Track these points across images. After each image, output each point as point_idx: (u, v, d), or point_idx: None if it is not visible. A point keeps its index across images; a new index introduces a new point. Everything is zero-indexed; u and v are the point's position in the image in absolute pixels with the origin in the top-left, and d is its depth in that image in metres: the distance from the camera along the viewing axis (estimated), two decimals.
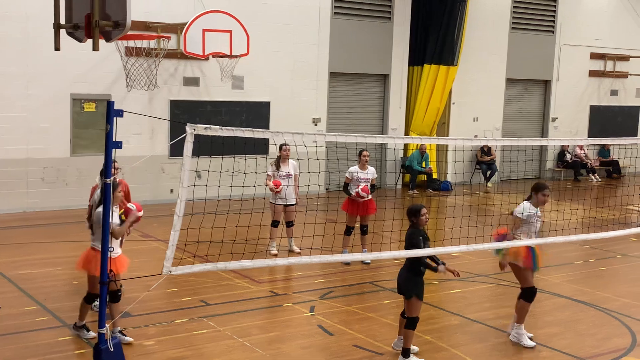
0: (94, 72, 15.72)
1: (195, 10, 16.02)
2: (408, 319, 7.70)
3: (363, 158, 11.72)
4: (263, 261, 8.08)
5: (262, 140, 16.47)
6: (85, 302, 8.15)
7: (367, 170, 11.78)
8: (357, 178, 11.69)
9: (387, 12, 20.07)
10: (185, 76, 17.03)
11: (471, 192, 20.38)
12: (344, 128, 19.22)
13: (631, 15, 24.39)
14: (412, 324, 7.68)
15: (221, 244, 11.85)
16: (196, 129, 6.80)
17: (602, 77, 24.76)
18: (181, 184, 6.87)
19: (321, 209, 14.55)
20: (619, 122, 25.34)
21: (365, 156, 11.73)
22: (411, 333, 7.71)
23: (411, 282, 7.70)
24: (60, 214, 15.05)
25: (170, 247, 6.89)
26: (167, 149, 16.43)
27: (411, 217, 7.79)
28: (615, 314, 9.75)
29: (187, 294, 9.94)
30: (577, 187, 21.91)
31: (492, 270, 11.90)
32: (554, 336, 8.81)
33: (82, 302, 8.18)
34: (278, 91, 18.29)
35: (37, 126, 15.33)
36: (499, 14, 22.08)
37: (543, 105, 23.94)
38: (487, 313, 9.65)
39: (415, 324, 7.69)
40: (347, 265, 11.65)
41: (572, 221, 13.61)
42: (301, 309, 9.57)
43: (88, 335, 8.10)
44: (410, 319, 7.68)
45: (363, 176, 11.70)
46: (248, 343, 8.23)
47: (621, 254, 13.29)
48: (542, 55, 23.23)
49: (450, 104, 21.48)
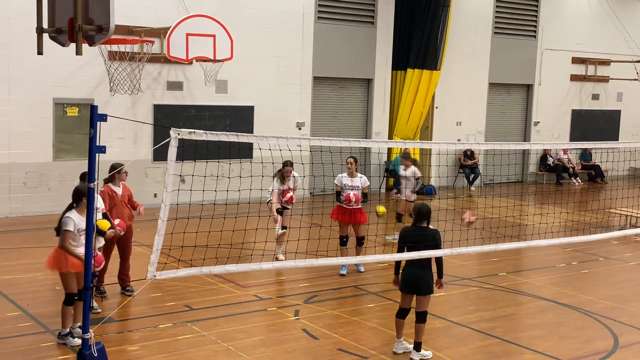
0: (77, 76, 15.65)
1: (179, 15, 15.99)
2: (421, 313, 8.02)
3: (347, 165, 11.39)
4: (247, 265, 8.07)
5: (246, 145, 16.48)
6: (65, 305, 8.10)
7: (355, 177, 11.39)
8: (345, 186, 11.33)
9: (370, 16, 20.14)
10: (168, 80, 17.00)
11: (455, 196, 20.47)
12: (328, 132, 19.25)
13: (612, 20, 24.63)
14: (425, 317, 8.06)
15: (206, 248, 11.84)
16: (180, 133, 6.80)
17: (584, 81, 24.97)
18: (165, 189, 6.86)
19: (306, 213, 14.57)
20: (600, 126, 25.57)
21: (349, 163, 11.38)
22: (424, 327, 8.07)
23: (429, 278, 8.05)
24: (43, 219, 14.95)
25: (155, 251, 6.88)
26: (151, 154, 16.38)
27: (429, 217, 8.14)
28: (598, 316, 9.83)
29: (171, 298, 9.91)
30: (559, 191, 22.07)
31: (476, 273, 11.97)
32: (536, 339, 8.87)
33: (62, 307, 8.12)
34: (262, 95, 18.29)
35: (20, 131, 15.23)
36: (482, 19, 22.22)
37: (525, 110, 24.10)
38: (470, 316, 9.69)
39: (426, 316, 8.07)
40: (343, 276, 11.35)
41: (555, 224, 13.72)
42: (286, 313, 9.57)
43: (74, 342, 8.03)
44: (424, 314, 8.04)
45: (351, 184, 11.33)
46: (233, 347, 8.22)
47: (603, 257, 13.40)
48: (525, 60, 23.40)
49: (434, 108, 21.58)
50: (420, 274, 7.99)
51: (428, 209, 8.14)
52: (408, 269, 8.08)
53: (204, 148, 8.08)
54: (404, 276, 8.11)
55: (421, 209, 8.12)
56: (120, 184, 9.79)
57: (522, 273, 12.19)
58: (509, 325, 9.37)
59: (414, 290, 8.02)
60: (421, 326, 8.04)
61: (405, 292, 8.11)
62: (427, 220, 8.11)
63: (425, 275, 8.00)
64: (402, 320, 8.19)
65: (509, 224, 14.00)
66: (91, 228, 6.98)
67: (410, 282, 8.04)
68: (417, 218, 8.11)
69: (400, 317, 8.19)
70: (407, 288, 8.08)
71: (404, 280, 8.10)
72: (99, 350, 7.15)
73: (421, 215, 8.07)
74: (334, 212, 11.56)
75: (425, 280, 7.99)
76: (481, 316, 9.71)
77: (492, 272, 11.99)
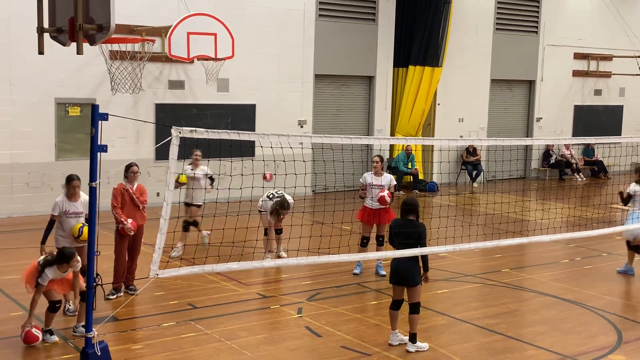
0: (78, 75, 15.66)
1: (180, 14, 15.97)
2: (414, 304, 8.14)
3: (373, 164, 11.19)
4: (250, 263, 8.08)
5: (247, 143, 16.47)
6: (49, 312, 8.25)
7: (381, 176, 11.10)
8: (370, 184, 11.09)
9: (371, 14, 20.12)
10: (170, 79, 17.00)
11: (457, 193, 20.45)
12: (329, 130, 19.24)
13: (614, 15, 24.57)
14: (418, 308, 8.17)
15: (208, 246, 11.84)
16: (182, 132, 6.80)
17: (586, 77, 24.92)
18: (167, 187, 6.87)
19: (308, 211, 14.57)
20: (602, 122, 25.53)
21: (375, 162, 11.15)
22: (418, 317, 8.17)
23: (415, 269, 8.18)
24: (45, 218, 14.83)
25: (157, 250, 6.89)
26: (153, 152, 16.38)
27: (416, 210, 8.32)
28: (601, 312, 9.82)
29: (174, 297, 9.92)
30: (562, 187, 22.04)
31: (479, 270, 11.97)
32: (539, 334, 8.86)
33: (45, 311, 8.26)
34: (263, 94, 18.29)
35: (22, 131, 15.24)
36: (483, 15, 22.18)
37: (527, 106, 24.06)
38: (474, 312, 9.69)
39: (419, 307, 8.20)
40: (357, 275, 11.28)
41: (557, 220, 13.70)
42: (289, 310, 9.57)
43: (51, 339, 8.17)
44: (417, 304, 8.16)
45: (376, 183, 11.07)
46: (236, 346, 8.22)
47: (606, 253, 13.38)
48: (526, 56, 23.36)
49: (436, 105, 21.55)
50: (407, 266, 8.17)
51: (413, 201, 8.37)
52: (396, 261, 8.30)
53: (205, 146, 8.08)
54: (392, 268, 8.36)
55: (406, 201, 8.39)
56: (135, 184, 9.81)
57: (525, 269, 12.17)
58: (512, 321, 9.36)
59: (403, 281, 8.22)
60: (415, 317, 8.16)
61: (394, 284, 8.33)
62: (415, 214, 8.30)
63: (411, 266, 8.18)
64: (396, 312, 8.34)
65: (512, 220, 13.99)
66: (93, 229, 6.99)
67: (398, 274, 8.25)
68: (403, 211, 8.36)
69: (394, 309, 8.34)
70: (395, 280, 8.30)
71: (392, 272, 8.33)
72: (102, 349, 7.17)
73: (406, 207, 8.31)
74: (361, 213, 11.29)
75: (411, 272, 8.17)
76: (484, 312, 9.70)
77: (495, 269, 11.98)
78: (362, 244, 11.18)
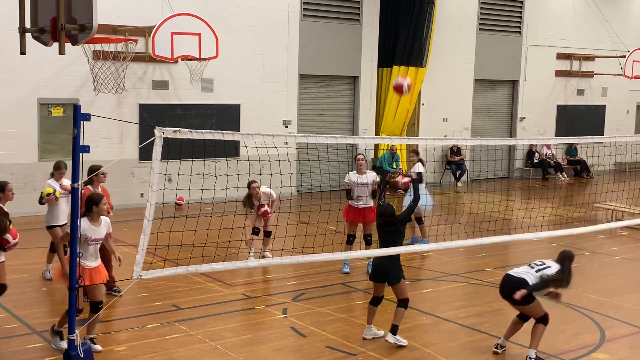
0: (61, 76, 15.56)
1: (164, 13, 15.91)
2: (402, 301, 8.26)
3: (357, 162, 11.27)
4: (234, 263, 8.06)
5: (232, 143, 16.44)
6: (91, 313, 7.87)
7: (364, 174, 11.20)
8: (355, 183, 11.16)
9: (355, 14, 20.14)
10: (154, 79, 16.93)
11: (441, 192, 20.52)
12: (314, 130, 19.24)
13: (596, 16, 24.74)
14: (406, 304, 8.30)
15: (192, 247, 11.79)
16: (165, 132, 6.78)
17: (569, 77, 25.08)
18: (151, 188, 6.84)
19: (293, 211, 14.55)
20: (585, 121, 25.69)
21: (359, 160, 11.25)
22: (404, 311, 8.28)
23: (396, 267, 8.28)
24: (28, 220, 14.83)
25: (140, 251, 6.86)
26: (137, 153, 16.31)
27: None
28: (585, 310, 9.89)
29: (158, 298, 9.88)
30: (545, 186, 22.16)
31: (463, 269, 12.01)
32: (523, 333, 8.86)
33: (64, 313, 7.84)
34: (248, 94, 18.26)
35: (4, 131, 15.13)
36: (466, 16, 22.27)
37: (511, 106, 24.18)
38: (458, 312, 9.72)
39: (408, 303, 8.33)
40: (347, 274, 11.31)
41: (539, 219, 13.77)
42: (274, 311, 9.56)
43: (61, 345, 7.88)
44: (405, 300, 8.28)
45: (361, 181, 11.15)
46: (220, 347, 8.20)
47: (590, 251, 13.47)
48: (509, 56, 23.48)
49: (420, 105, 21.62)
50: (388, 264, 8.27)
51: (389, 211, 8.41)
52: (378, 259, 8.41)
53: (189, 147, 8.06)
54: (374, 266, 8.47)
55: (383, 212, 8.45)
56: (99, 186, 9.65)
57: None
58: (496, 320, 9.39)
59: (384, 279, 8.32)
60: (401, 310, 8.27)
61: (375, 281, 8.42)
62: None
63: (393, 265, 8.28)
64: (374, 307, 8.46)
65: (495, 219, 14.05)
66: (76, 229, 6.95)
67: (379, 272, 8.35)
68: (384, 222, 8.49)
69: (373, 305, 8.46)
70: (376, 277, 8.40)
71: (374, 270, 8.45)
72: (85, 351, 7.12)
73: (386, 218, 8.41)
74: (346, 211, 11.38)
75: (393, 270, 8.26)
76: (468, 312, 9.74)
77: (479, 268, 12.02)
78: (348, 242, 11.21)
